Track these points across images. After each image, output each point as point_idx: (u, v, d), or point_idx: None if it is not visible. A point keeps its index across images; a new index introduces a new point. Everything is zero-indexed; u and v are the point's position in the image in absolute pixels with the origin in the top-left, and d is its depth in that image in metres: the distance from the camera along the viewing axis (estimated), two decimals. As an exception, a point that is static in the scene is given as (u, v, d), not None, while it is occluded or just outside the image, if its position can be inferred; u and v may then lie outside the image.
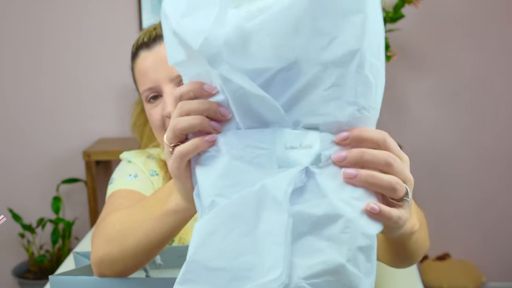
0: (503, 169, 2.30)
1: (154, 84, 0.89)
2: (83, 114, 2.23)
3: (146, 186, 0.96)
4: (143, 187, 0.95)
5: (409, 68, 2.22)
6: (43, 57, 2.18)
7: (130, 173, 0.97)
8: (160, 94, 0.90)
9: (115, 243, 0.72)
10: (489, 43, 2.20)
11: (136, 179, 0.96)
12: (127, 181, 0.95)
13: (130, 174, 0.97)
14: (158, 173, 1.00)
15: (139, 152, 1.04)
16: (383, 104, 0.54)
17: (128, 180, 0.96)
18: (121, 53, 2.19)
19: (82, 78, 2.20)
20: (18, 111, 2.23)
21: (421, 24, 2.18)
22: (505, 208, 2.34)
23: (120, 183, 0.96)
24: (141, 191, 0.94)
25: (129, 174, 0.97)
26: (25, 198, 2.28)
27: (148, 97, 0.91)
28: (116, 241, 0.72)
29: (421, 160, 2.28)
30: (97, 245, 0.76)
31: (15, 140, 2.24)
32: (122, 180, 0.96)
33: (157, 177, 1.00)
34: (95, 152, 1.95)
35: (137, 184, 0.95)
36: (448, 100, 2.24)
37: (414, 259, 0.75)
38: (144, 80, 0.91)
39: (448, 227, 2.35)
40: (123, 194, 0.93)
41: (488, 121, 2.26)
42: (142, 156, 1.02)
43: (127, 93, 2.22)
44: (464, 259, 2.35)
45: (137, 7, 2.16)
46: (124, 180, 0.96)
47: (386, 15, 1.90)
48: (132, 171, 0.98)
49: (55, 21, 2.16)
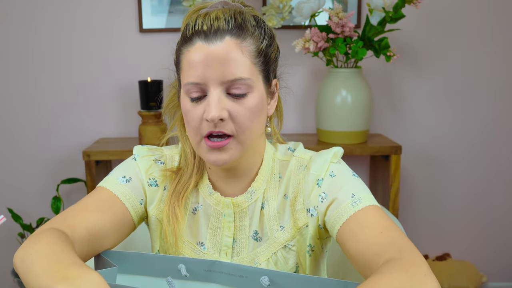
0: (504, 169, 2.30)
1: (202, 81, 0.84)
2: (83, 114, 2.23)
3: (133, 195, 0.95)
4: (128, 195, 0.95)
5: (409, 68, 2.21)
6: (42, 57, 2.18)
7: (124, 175, 0.97)
8: (204, 93, 0.86)
9: (22, 269, 0.74)
10: (489, 43, 2.20)
11: (126, 184, 0.96)
12: (117, 183, 0.95)
13: (124, 176, 0.96)
14: (159, 184, 0.98)
15: (151, 150, 1.02)
16: (383, 103, 0.54)
17: (118, 181, 0.95)
18: (121, 53, 2.19)
19: (82, 78, 2.20)
20: (18, 111, 2.23)
21: (421, 24, 2.18)
22: (506, 208, 2.34)
23: (110, 182, 0.95)
24: (125, 199, 0.94)
25: (123, 176, 0.96)
26: (25, 198, 2.28)
27: (192, 94, 0.86)
28: (24, 267, 0.74)
29: (421, 159, 2.28)
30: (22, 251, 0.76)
31: (15, 140, 2.25)
32: (113, 180, 0.96)
33: (155, 189, 0.98)
34: (95, 152, 1.95)
35: (124, 189, 0.95)
36: (448, 100, 2.24)
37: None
38: (192, 72, 0.85)
39: (448, 227, 2.35)
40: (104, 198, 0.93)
41: (488, 121, 2.26)
42: (151, 157, 1.00)
43: (127, 93, 2.22)
44: (464, 259, 2.36)
45: (137, 7, 2.16)
46: (115, 180, 0.95)
47: (386, 15, 1.90)
48: (128, 174, 0.97)
49: (55, 21, 2.16)
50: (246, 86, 0.85)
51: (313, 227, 0.94)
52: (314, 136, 2.16)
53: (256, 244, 0.96)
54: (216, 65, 0.83)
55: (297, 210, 0.95)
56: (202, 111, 0.86)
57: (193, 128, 0.88)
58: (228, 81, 0.84)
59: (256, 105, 0.87)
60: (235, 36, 0.85)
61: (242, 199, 0.96)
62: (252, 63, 0.86)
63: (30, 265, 0.73)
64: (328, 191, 0.91)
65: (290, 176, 0.97)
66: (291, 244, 0.95)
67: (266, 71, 0.90)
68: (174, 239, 0.96)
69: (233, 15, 0.86)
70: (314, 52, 1.96)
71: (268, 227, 0.96)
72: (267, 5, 2.03)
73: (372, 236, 0.82)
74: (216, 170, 0.96)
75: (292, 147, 1.01)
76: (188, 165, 0.98)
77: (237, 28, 0.86)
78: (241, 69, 0.84)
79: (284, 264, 0.96)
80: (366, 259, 0.80)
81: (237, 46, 0.85)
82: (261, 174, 0.96)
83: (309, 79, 2.21)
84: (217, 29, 0.84)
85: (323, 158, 0.94)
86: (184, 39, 0.88)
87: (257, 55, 0.87)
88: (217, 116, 0.83)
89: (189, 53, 0.86)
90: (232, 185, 0.97)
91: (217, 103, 0.83)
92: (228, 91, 0.85)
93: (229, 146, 0.87)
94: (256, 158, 0.96)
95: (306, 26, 2.10)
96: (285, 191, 0.96)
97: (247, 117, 0.86)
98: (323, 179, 0.92)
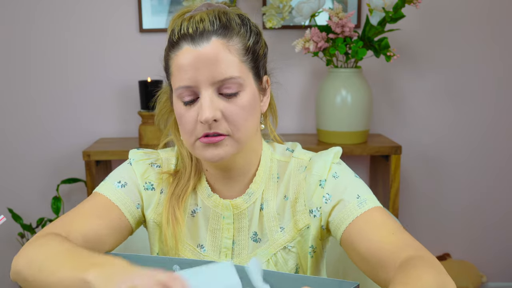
0: (504, 169, 2.30)
1: (193, 83, 0.85)
2: (83, 114, 2.23)
3: (129, 199, 0.96)
4: (124, 200, 0.95)
5: (409, 68, 2.21)
6: (42, 57, 2.18)
7: (120, 180, 0.97)
8: (196, 96, 0.86)
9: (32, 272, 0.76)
10: (490, 43, 2.20)
11: (122, 189, 0.96)
12: (113, 188, 0.95)
13: (119, 181, 0.97)
14: (155, 187, 0.98)
15: (147, 154, 1.02)
16: (383, 103, 0.54)
17: (113, 187, 0.96)
18: (121, 53, 2.19)
19: (82, 78, 2.20)
20: (18, 112, 2.23)
21: (421, 24, 2.18)
22: (506, 208, 2.34)
23: (106, 187, 0.96)
24: (121, 204, 0.94)
25: (118, 181, 0.97)
26: (25, 198, 2.28)
27: (184, 98, 0.86)
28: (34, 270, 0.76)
29: (421, 159, 2.28)
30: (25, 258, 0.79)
31: (15, 140, 2.25)
32: (109, 185, 0.96)
33: (151, 192, 0.98)
34: (95, 152, 1.95)
35: (120, 194, 0.95)
36: (448, 100, 2.24)
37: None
38: (182, 76, 0.85)
39: (448, 227, 2.35)
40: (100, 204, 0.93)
41: (488, 121, 2.26)
42: (146, 161, 1.00)
43: (127, 93, 2.22)
44: (464, 259, 2.35)
45: (137, 7, 2.16)
46: (111, 186, 0.96)
47: (386, 15, 1.90)
48: (123, 179, 0.97)
49: (55, 21, 2.16)
50: (237, 85, 0.86)
51: (316, 228, 0.94)
52: (314, 136, 2.16)
53: (255, 245, 0.96)
54: (205, 66, 0.84)
55: (298, 212, 0.95)
56: (196, 114, 0.86)
57: (187, 131, 0.88)
58: (218, 81, 0.84)
59: (249, 103, 0.87)
60: (221, 36, 0.85)
61: (241, 200, 0.96)
62: (240, 61, 0.87)
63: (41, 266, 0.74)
64: (332, 192, 0.92)
65: (290, 177, 0.97)
66: (290, 245, 0.95)
67: (255, 68, 0.90)
68: (174, 242, 0.96)
69: (217, 15, 0.87)
70: (314, 52, 1.96)
71: (267, 228, 0.96)
72: (267, 5, 2.03)
73: (385, 235, 0.83)
74: (214, 171, 0.96)
75: (290, 147, 1.01)
76: (186, 168, 0.98)
77: (223, 28, 0.86)
78: (230, 69, 0.85)
79: (284, 265, 0.96)
80: (380, 257, 0.80)
81: (224, 46, 0.85)
82: (259, 175, 0.96)
83: (309, 79, 2.21)
84: (203, 31, 0.85)
85: (324, 159, 0.94)
86: (171, 44, 0.89)
87: (245, 53, 0.88)
88: (210, 117, 0.83)
89: (177, 58, 0.86)
90: (230, 187, 0.97)
91: (210, 104, 0.84)
92: (220, 91, 0.85)
93: (224, 143, 0.87)
94: (253, 157, 0.96)
95: (306, 26, 2.10)
96: (285, 192, 0.96)
97: (240, 116, 0.86)
98: (326, 180, 0.93)
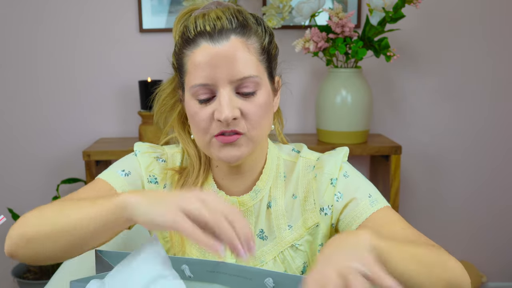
0: (504, 169, 2.30)
1: (210, 81, 0.84)
2: (83, 114, 2.23)
3: (131, 188, 0.95)
4: (126, 188, 0.94)
5: (409, 68, 2.22)
6: (42, 57, 2.19)
7: (124, 168, 0.96)
8: (212, 94, 0.85)
9: (50, 220, 0.76)
10: (490, 43, 2.20)
11: (126, 177, 0.95)
12: (116, 176, 0.95)
13: (123, 169, 0.96)
14: (159, 181, 0.98)
15: (153, 147, 1.01)
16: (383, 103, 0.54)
17: (117, 174, 0.95)
18: (121, 53, 2.19)
19: (82, 78, 2.20)
20: (18, 111, 2.23)
21: (421, 24, 2.18)
22: (506, 208, 2.34)
23: (109, 174, 0.95)
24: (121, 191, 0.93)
25: (122, 169, 0.96)
26: (25, 198, 2.28)
27: (199, 96, 0.85)
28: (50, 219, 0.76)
29: (421, 159, 2.29)
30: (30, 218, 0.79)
31: (15, 140, 2.25)
32: (112, 173, 0.95)
33: (154, 186, 0.97)
34: (95, 152, 1.95)
35: (123, 182, 0.94)
36: (448, 99, 2.24)
37: None
38: (198, 74, 0.84)
39: (448, 227, 2.35)
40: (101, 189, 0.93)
41: (488, 121, 2.26)
42: (152, 154, 0.99)
43: (127, 93, 2.22)
44: (464, 259, 2.35)
45: (137, 7, 2.16)
46: (115, 173, 0.95)
47: (386, 15, 1.90)
48: (128, 168, 0.96)
49: (55, 21, 2.16)
50: (255, 84, 0.86)
51: (326, 226, 0.95)
52: (314, 136, 2.16)
53: (262, 243, 0.96)
54: (224, 64, 0.83)
55: (307, 210, 0.95)
56: (211, 112, 0.85)
57: (202, 129, 0.87)
58: (237, 80, 0.84)
59: (265, 102, 0.88)
60: (240, 34, 0.85)
61: (248, 197, 0.96)
62: (258, 61, 0.87)
63: (53, 223, 0.76)
64: (344, 190, 0.93)
65: (298, 176, 0.97)
66: (298, 244, 0.96)
67: (269, 68, 0.91)
68: (180, 239, 0.96)
69: (234, 13, 0.86)
70: (314, 52, 1.96)
71: (276, 225, 0.96)
72: (267, 5, 2.03)
73: (398, 230, 0.86)
74: (223, 167, 0.96)
75: (296, 148, 1.02)
76: (194, 167, 0.97)
77: (241, 27, 0.86)
78: (249, 67, 0.85)
79: (291, 263, 0.96)
80: None
81: (243, 45, 0.85)
82: (266, 173, 0.97)
83: (309, 79, 2.21)
84: (221, 29, 0.84)
85: (335, 159, 0.95)
86: (185, 41, 0.87)
87: (261, 52, 0.88)
88: (230, 116, 0.83)
89: (194, 55, 0.85)
90: (237, 183, 0.97)
91: (229, 102, 0.83)
92: (238, 90, 0.85)
93: (240, 142, 0.87)
94: (259, 154, 0.96)
95: (306, 26, 2.10)
96: (293, 191, 0.97)
97: (258, 115, 0.86)
98: (337, 178, 0.94)
